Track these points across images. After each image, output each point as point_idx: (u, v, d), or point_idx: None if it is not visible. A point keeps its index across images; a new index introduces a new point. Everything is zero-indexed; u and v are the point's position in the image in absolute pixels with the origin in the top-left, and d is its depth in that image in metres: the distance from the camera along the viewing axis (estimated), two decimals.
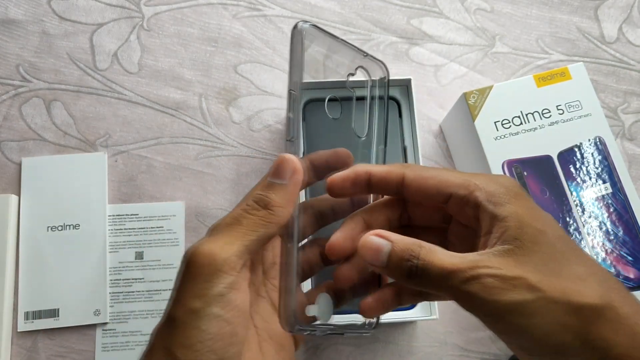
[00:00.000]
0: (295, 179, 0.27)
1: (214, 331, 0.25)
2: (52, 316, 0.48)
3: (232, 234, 0.26)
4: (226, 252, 0.25)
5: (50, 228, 0.50)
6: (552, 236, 0.25)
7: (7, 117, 0.53)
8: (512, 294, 0.23)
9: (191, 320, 0.24)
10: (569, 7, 0.58)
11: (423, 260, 0.24)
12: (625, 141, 0.55)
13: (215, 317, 0.25)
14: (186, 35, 0.56)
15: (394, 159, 0.47)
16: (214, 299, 0.25)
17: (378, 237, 0.25)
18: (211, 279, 0.25)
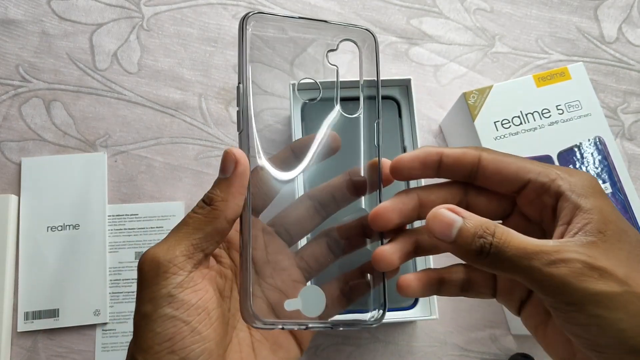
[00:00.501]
0: (238, 171, 0.27)
1: (170, 332, 0.24)
2: (52, 316, 0.48)
3: (178, 235, 0.26)
4: (171, 253, 0.26)
5: (50, 228, 0.50)
6: (634, 238, 0.24)
7: (7, 117, 0.53)
8: (601, 283, 0.22)
9: (145, 324, 0.25)
10: (568, 7, 0.58)
11: (498, 238, 0.23)
12: (625, 141, 0.55)
13: (168, 317, 0.25)
14: (186, 35, 0.56)
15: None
16: (164, 300, 0.25)
17: (450, 211, 0.25)
18: (158, 281, 0.25)
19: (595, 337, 0.23)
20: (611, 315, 0.22)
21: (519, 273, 0.23)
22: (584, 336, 0.23)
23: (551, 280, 0.22)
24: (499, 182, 0.27)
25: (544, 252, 0.23)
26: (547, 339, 0.27)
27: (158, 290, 0.25)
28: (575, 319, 0.23)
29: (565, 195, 0.25)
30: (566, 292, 0.22)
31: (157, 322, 0.25)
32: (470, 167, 0.27)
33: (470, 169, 0.27)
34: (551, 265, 0.22)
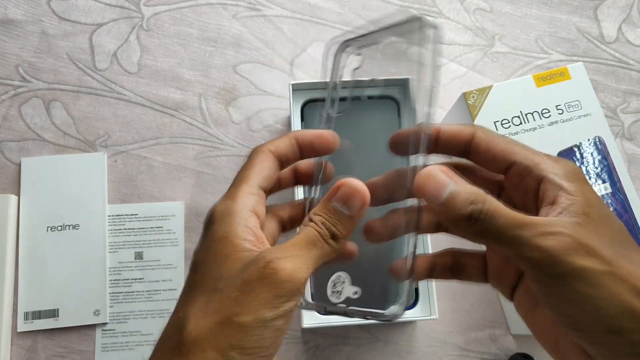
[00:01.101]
0: (362, 212, 0.27)
1: (272, 340, 0.25)
2: (52, 316, 0.48)
3: (311, 258, 0.26)
4: (305, 275, 0.25)
5: (50, 228, 0.50)
6: (617, 224, 0.25)
7: (7, 117, 0.53)
8: (586, 260, 0.22)
9: (257, 328, 0.24)
10: (568, 7, 0.58)
11: (489, 206, 0.24)
12: (624, 141, 0.55)
13: (278, 329, 0.25)
14: (185, 35, 0.56)
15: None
16: (284, 314, 0.25)
17: (443, 172, 0.25)
18: (288, 295, 0.25)
19: (575, 314, 0.23)
20: (593, 293, 0.22)
21: (505, 243, 0.23)
22: (565, 313, 0.23)
23: (538, 252, 0.22)
24: (489, 159, 0.27)
25: (533, 224, 0.23)
26: (535, 323, 0.27)
27: (284, 303, 0.25)
28: (557, 294, 0.23)
29: (547, 178, 0.25)
30: (552, 265, 0.22)
31: (268, 330, 0.25)
32: (465, 143, 0.28)
33: (465, 144, 0.28)
34: (540, 236, 0.23)
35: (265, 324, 0.24)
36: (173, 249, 0.51)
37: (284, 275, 0.25)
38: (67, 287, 0.49)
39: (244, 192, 0.28)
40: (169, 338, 0.25)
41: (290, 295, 0.25)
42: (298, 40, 0.56)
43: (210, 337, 0.24)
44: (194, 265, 0.27)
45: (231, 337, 0.24)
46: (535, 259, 0.23)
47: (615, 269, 0.23)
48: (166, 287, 0.50)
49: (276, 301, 0.25)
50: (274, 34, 0.56)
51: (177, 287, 0.50)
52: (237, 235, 0.26)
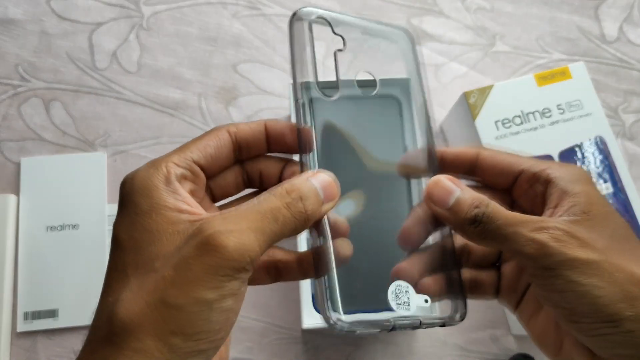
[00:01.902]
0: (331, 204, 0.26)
1: (222, 323, 0.22)
2: (52, 316, 0.48)
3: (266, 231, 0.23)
4: (255, 252, 0.22)
5: (50, 228, 0.50)
6: (619, 221, 0.26)
7: (6, 117, 0.53)
8: (579, 250, 0.23)
9: (200, 311, 0.22)
10: (569, 7, 0.58)
11: (491, 209, 0.25)
12: (625, 141, 0.55)
13: (227, 309, 0.22)
14: (185, 34, 0.56)
15: None
16: (230, 294, 0.22)
17: (450, 181, 0.26)
18: (232, 274, 0.22)
19: (571, 305, 0.23)
20: (587, 281, 0.23)
21: (504, 240, 0.24)
22: (562, 305, 0.24)
23: (533, 244, 0.24)
24: (495, 174, 0.28)
25: (530, 221, 0.24)
26: (538, 329, 0.28)
27: (230, 281, 0.22)
28: (553, 286, 0.24)
29: (553, 182, 0.26)
30: (545, 256, 0.23)
31: (215, 312, 0.22)
32: (470, 162, 0.29)
33: (470, 163, 0.29)
34: (535, 231, 0.24)
35: (209, 306, 0.22)
36: None
37: (227, 254, 0.22)
38: (67, 287, 0.49)
39: (171, 161, 0.26)
40: (98, 327, 0.22)
41: (234, 273, 0.22)
42: None
43: (146, 323, 0.21)
44: (119, 242, 0.24)
45: (170, 322, 0.21)
46: (530, 252, 0.24)
47: (609, 258, 0.23)
48: None
49: (217, 280, 0.22)
50: (274, 33, 0.56)
51: None
52: (168, 205, 0.24)
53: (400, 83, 0.32)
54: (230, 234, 0.22)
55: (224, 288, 0.22)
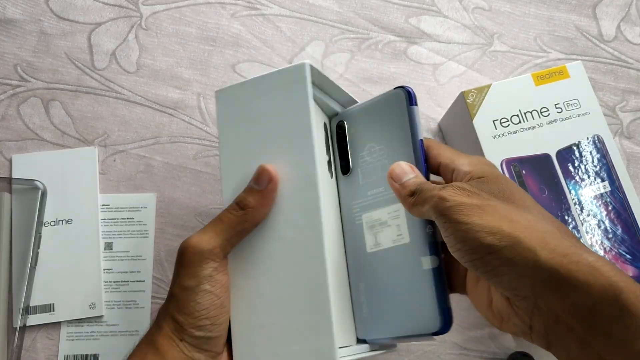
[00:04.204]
0: (271, 187, 0.34)
1: (207, 303, 0.33)
2: (48, 311, 0.49)
3: (216, 230, 0.34)
4: (211, 244, 0.34)
5: (43, 223, 0.50)
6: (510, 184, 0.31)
7: (5, 117, 0.53)
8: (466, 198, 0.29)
9: (188, 295, 0.33)
10: (567, 6, 0.58)
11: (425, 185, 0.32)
12: (623, 139, 0.55)
13: (207, 292, 0.33)
14: (184, 34, 0.56)
15: None
16: (205, 279, 0.33)
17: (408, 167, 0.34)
18: (200, 264, 0.33)
19: (462, 245, 0.28)
20: (469, 220, 0.28)
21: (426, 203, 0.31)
22: (457, 246, 0.29)
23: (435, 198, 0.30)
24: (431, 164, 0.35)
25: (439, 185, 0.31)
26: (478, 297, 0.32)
27: (201, 270, 0.33)
28: (448, 230, 0.29)
29: (457, 168, 0.33)
30: (441, 203, 0.29)
31: (199, 295, 0.33)
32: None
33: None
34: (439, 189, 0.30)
35: (193, 291, 0.33)
36: (143, 240, 0.51)
37: (194, 250, 0.33)
38: (62, 281, 0.49)
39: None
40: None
41: (200, 263, 0.33)
42: (297, 39, 0.56)
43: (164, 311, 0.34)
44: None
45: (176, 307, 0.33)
46: (433, 204, 0.30)
47: (490, 204, 0.29)
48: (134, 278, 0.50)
49: (196, 272, 0.33)
50: (272, 33, 0.56)
51: (145, 279, 0.50)
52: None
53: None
54: (192, 239, 0.34)
55: (198, 276, 0.33)
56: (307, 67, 0.37)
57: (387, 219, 0.36)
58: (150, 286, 0.50)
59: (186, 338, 0.33)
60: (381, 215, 0.36)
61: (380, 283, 0.35)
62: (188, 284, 0.33)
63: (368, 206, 0.37)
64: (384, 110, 0.37)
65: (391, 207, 0.36)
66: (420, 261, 0.34)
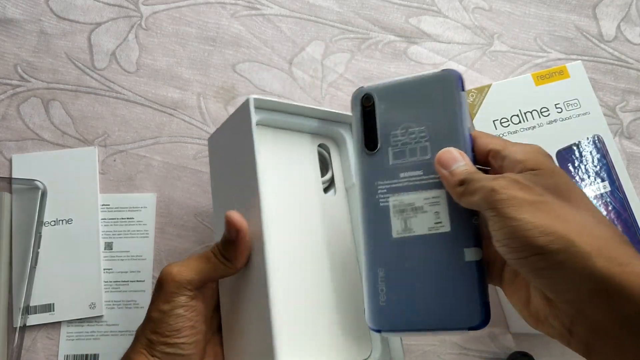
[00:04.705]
0: (240, 236, 0.36)
1: (179, 325, 0.36)
2: (48, 311, 0.49)
3: (200, 267, 0.37)
4: (190, 277, 0.36)
5: (43, 223, 0.50)
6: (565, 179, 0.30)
7: (5, 117, 0.53)
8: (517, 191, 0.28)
9: (162, 317, 0.36)
10: (567, 6, 0.58)
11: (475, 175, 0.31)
12: (623, 139, 0.55)
13: (179, 316, 0.36)
14: (184, 34, 0.56)
15: None
16: (178, 305, 0.36)
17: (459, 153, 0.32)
18: (177, 292, 0.36)
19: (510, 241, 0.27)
20: (521, 217, 0.27)
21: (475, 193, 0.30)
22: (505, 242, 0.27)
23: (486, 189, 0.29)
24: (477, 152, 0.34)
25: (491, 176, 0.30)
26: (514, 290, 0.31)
27: (176, 297, 0.36)
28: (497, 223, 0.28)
29: (508, 156, 0.31)
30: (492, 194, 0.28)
31: (172, 318, 0.36)
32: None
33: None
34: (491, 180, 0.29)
35: (167, 314, 0.36)
36: (143, 240, 0.51)
37: (170, 278, 0.36)
38: (62, 281, 0.49)
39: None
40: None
41: (177, 291, 0.36)
42: (297, 39, 0.56)
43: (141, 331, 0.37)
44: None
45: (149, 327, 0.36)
46: (483, 195, 0.29)
47: (544, 200, 0.27)
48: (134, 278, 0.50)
49: (169, 297, 0.36)
50: (272, 32, 0.56)
51: (144, 279, 0.50)
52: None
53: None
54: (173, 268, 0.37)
55: (173, 301, 0.36)
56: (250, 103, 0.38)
57: (423, 204, 0.34)
58: (150, 286, 0.50)
59: (157, 354, 0.36)
60: (415, 200, 0.34)
61: (406, 271, 0.33)
62: (163, 308, 0.36)
63: (399, 189, 0.34)
64: (429, 91, 0.35)
65: (429, 193, 0.34)
66: (462, 252, 0.32)
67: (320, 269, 0.40)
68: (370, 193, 0.35)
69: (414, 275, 0.33)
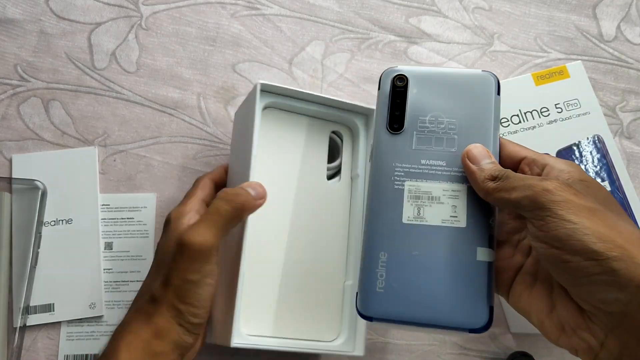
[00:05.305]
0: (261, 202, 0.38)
1: (207, 294, 0.36)
2: (48, 311, 0.49)
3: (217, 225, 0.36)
4: (213, 242, 0.36)
5: (43, 223, 0.50)
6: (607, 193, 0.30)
7: (5, 117, 0.53)
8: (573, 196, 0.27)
9: (191, 287, 0.36)
10: (567, 6, 0.58)
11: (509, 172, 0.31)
12: (623, 139, 0.55)
13: (208, 285, 0.36)
14: (184, 34, 0.56)
15: None
16: (208, 273, 0.36)
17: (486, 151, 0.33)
18: (206, 260, 0.36)
19: (562, 243, 0.26)
20: (578, 220, 0.26)
21: (514, 190, 0.29)
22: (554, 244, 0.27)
23: (537, 188, 0.28)
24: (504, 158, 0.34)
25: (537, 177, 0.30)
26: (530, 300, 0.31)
27: (205, 266, 0.36)
28: (549, 224, 0.27)
29: (549, 164, 0.32)
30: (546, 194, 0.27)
31: (202, 288, 0.36)
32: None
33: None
34: (540, 181, 0.29)
35: (197, 284, 0.36)
36: (143, 240, 0.51)
37: (197, 247, 0.35)
38: (63, 281, 0.49)
39: (191, 201, 0.42)
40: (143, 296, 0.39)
41: (206, 259, 0.36)
42: (297, 39, 0.56)
43: (163, 296, 0.36)
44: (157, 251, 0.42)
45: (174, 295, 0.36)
46: (533, 193, 0.28)
47: (599, 208, 0.27)
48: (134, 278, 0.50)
49: (200, 266, 0.36)
50: (272, 32, 0.56)
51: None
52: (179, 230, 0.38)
53: None
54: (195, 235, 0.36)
55: (203, 271, 0.36)
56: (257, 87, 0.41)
57: (440, 195, 0.33)
58: None
59: (184, 324, 0.36)
60: (433, 190, 0.33)
61: (412, 259, 0.32)
62: (192, 278, 0.35)
63: (418, 175, 0.34)
64: (467, 88, 0.35)
65: (451, 185, 0.33)
66: (475, 251, 0.32)
67: (303, 250, 0.42)
68: (386, 173, 0.34)
69: (419, 264, 0.32)
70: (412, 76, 0.36)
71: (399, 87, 0.36)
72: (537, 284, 0.31)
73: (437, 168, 0.34)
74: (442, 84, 0.36)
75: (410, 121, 0.35)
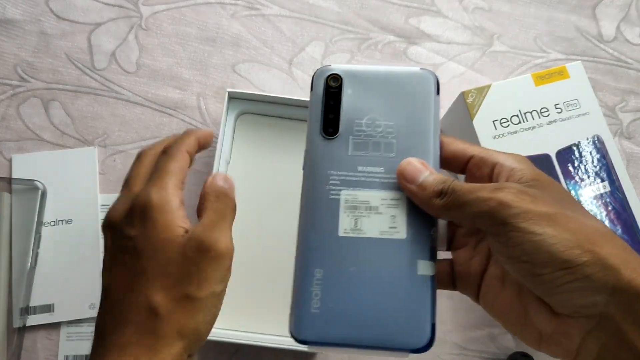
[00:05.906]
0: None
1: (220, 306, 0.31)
2: (47, 311, 0.49)
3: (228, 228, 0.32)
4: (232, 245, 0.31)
5: (43, 224, 0.50)
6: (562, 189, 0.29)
7: (5, 117, 0.53)
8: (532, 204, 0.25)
9: (214, 301, 0.30)
10: (567, 6, 0.58)
11: (455, 183, 0.28)
12: (623, 140, 0.55)
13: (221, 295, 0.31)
14: (184, 34, 0.56)
15: None
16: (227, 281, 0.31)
17: (420, 163, 0.30)
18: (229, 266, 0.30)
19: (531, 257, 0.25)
20: (542, 230, 0.25)
21: (466, 205, 0.27)
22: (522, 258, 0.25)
23: (491, 202, 0.26)
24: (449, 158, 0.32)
25: (488, 186, 0.27)
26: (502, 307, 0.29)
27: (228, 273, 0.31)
28: (512, 240, 0.25)
29: (499, 163, 0.29)
30: (504, 209, 0.25)
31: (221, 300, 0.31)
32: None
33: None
34: (493, 191, 0.26)
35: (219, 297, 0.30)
36: None
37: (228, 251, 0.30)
38: (62, 281, 0.49)
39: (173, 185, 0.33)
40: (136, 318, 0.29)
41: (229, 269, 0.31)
42: (297, 40, 0.56)
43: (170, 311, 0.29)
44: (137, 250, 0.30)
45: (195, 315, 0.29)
46: (489, 209, 0.26)
47: (560, 211, 0.26)
48: None
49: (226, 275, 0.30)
50: (272, 33, 0.56)
51: None
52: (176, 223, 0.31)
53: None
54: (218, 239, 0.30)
55: (225, 280, 0.30)
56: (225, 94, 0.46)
57: (379, 204, 0.31)
58: None
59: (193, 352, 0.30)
60: (371, 199, 0.31)
61: (349, 276, 0.30)
62: (216, 289, 0.30)
63: (355, 183, 0.31)
64: (406, 87, 0.33)
65: (389, 194, 0.31)
66: (415, 264, 0.29)
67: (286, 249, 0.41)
68: (320, 182, 0.31)
69: (357, 281, 0.29)
70: (346, 76, 0.33)
71: (332, 87, 0.33)
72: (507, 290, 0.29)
73: (374, 175, 0.31)
74: (379, 83, 0.33)
75: (346, 125, 0.32)
